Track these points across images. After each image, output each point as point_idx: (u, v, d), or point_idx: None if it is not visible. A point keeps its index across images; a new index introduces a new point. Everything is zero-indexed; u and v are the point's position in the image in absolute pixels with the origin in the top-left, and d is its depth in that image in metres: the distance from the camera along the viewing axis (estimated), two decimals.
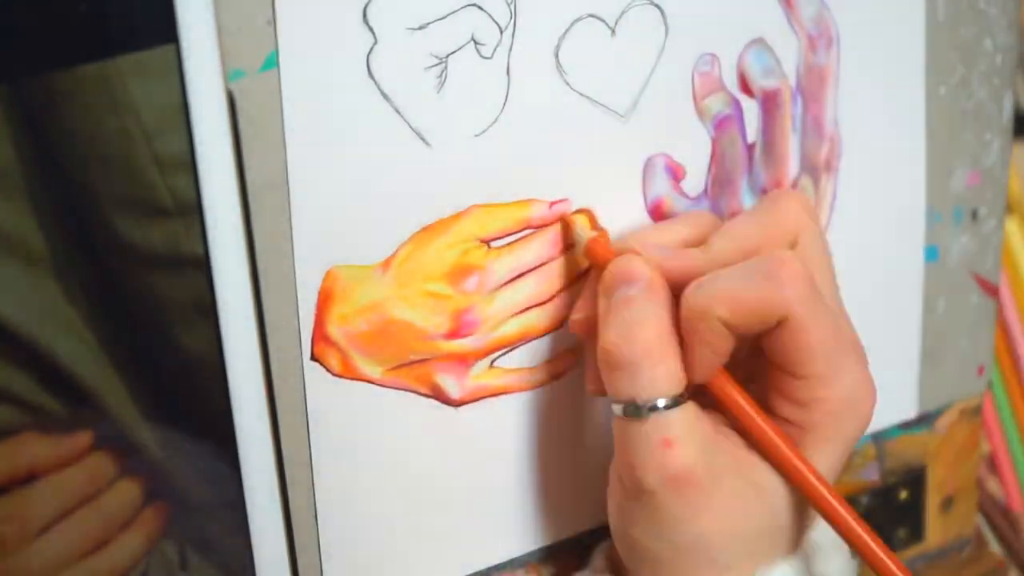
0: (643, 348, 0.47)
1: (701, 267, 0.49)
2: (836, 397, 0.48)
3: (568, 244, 0.52)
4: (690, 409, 0.48)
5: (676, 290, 0.49)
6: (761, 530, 0.49)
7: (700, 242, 0.51)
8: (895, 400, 0.64)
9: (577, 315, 0.51)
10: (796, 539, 0.51)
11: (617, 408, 0.48)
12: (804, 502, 0.49)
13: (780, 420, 0.49)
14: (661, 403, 0.47)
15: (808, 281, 0.47)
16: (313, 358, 0.48)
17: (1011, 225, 0.77)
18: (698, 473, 0.47)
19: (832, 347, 0.48)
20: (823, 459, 0.49)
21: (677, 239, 0.51)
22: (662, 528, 0.48)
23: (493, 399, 0.52)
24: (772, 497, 0.49)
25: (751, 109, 0.55)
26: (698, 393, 0.49)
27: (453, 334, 0.51)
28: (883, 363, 0.63)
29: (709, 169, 0.55)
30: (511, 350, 0.52)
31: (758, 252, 0.49)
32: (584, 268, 0.53)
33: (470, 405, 0.52)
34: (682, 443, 0.47)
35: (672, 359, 0.47)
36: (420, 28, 0.46)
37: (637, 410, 0.47)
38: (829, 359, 0.48)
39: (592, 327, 0.49)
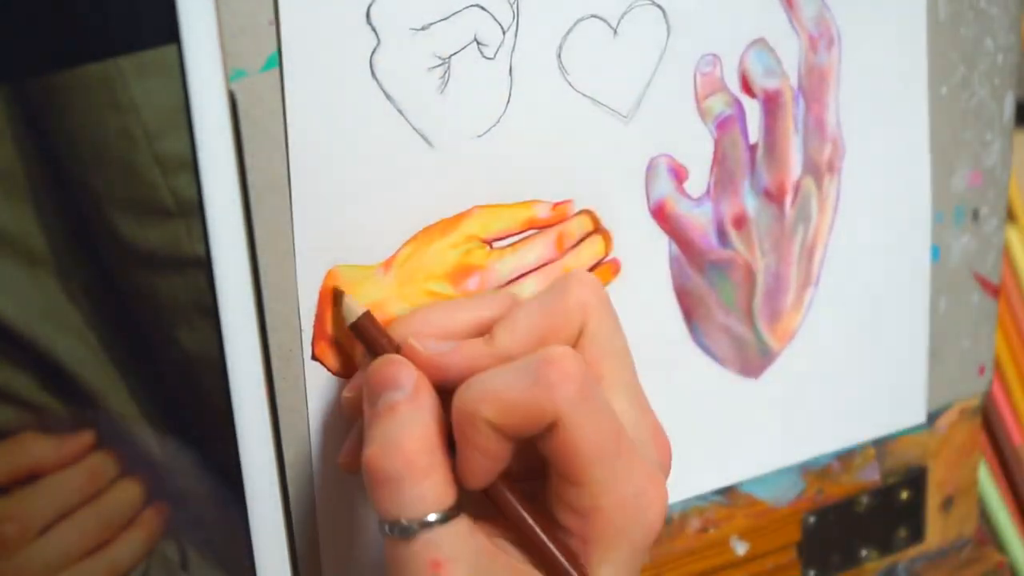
0: (406, 462, 0.43)
1: (482, 363, 0.45)
2: (616, 505, 0.44)
3: (569, 245, 0.52)
4: (462, 524, 0.44)
5: (456, 387, 0.45)
6: None
7: (492, 324, 0.47)
8: (903, 403, 0.64)
9: (349, 393, 0.47)
10: None
11: (383, 527, 0.44)
12: None
13: (563, 530, 0.45)
14: (432, 518, 0.43)
15: (582, 382, 0.43)
16: (314, 358, 0.48)
17: (1011, 233, 0.78)
18: None
19: (610, 451, 0.44)
20: (609, 570, 0.45)
21: (469, 322, 0.47)
22: None
23: None
24: None
25: (753, 110, 0.55)
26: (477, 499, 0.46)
27: None
28: (888, 365, 0.63)
29: (712, 170, 0.55)
30: None
31: (543, 344, 0.45)
32: (586, 268, 0.53)
33: None
34: (453, 564, 0.43)
35: (439, 471, 0.44)
36: (423, 28, 0.46)
37: (404, 530, 0.43)
38: (605, 464, 0.44)
39: (359, 408, 0.46)
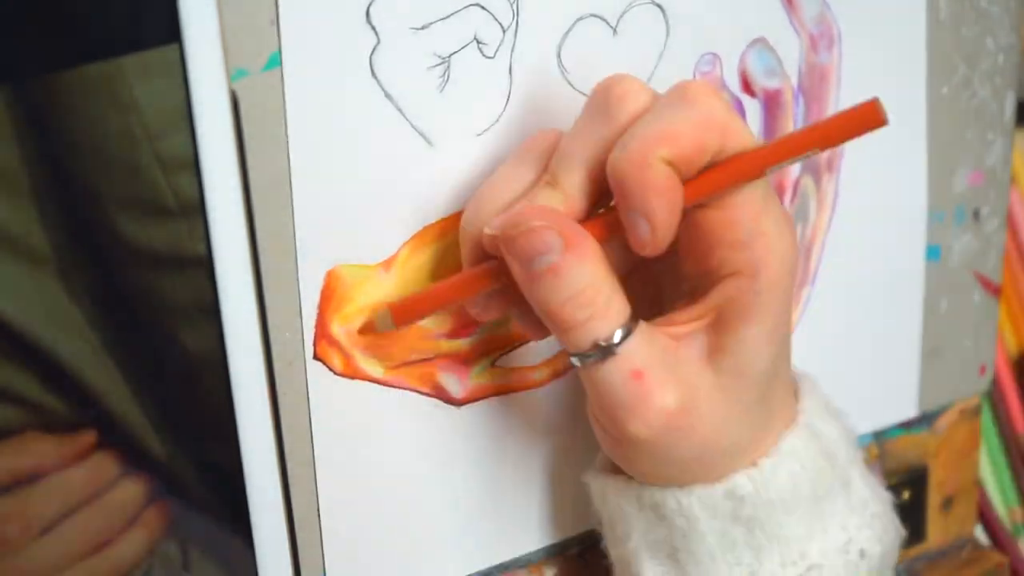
0: (589, 303, 0.45)
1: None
2: (777, 259, 0.46)
3: None
4: (644, 329, 0.46)
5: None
6: (750, 404, 0.48)
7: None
8: (896, 399, 0.64)
9: (477, 309, 0.48)
10: (791, 411, 0.50)
11: (577, 360, 0.46)
12: (783, 365, 0.49)
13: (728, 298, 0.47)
14: (620, 333, 0.46)
15: (724, 98, 0.45)
16: (315, 357, 0.48)
17: None
18: (675, 398, 0.46)
19: (765, 198, 0.46)
20: (767, 323, 0.47)
21: (523, 183, 0.47)
22: (663, 456, 0.47)
23: (495, 399, 0.52)
24: (749, 373, 0.47)
25: (753, 109, 0.55)
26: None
27: (455, 333, 0.51)
28: (884, 362, 0.63)
29: None
30: (513, 349, 0.52)
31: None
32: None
33: (472, 404, 0.52)
34: (650, 369, 0.46)
35: (617, 290, 0.46)
36: (423, 28, 0.46)
37: (603, 351, 0.46)
38: (765, 212, 0.46)
39: (501, 307, 0.48)
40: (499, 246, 0.46)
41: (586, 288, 0.45)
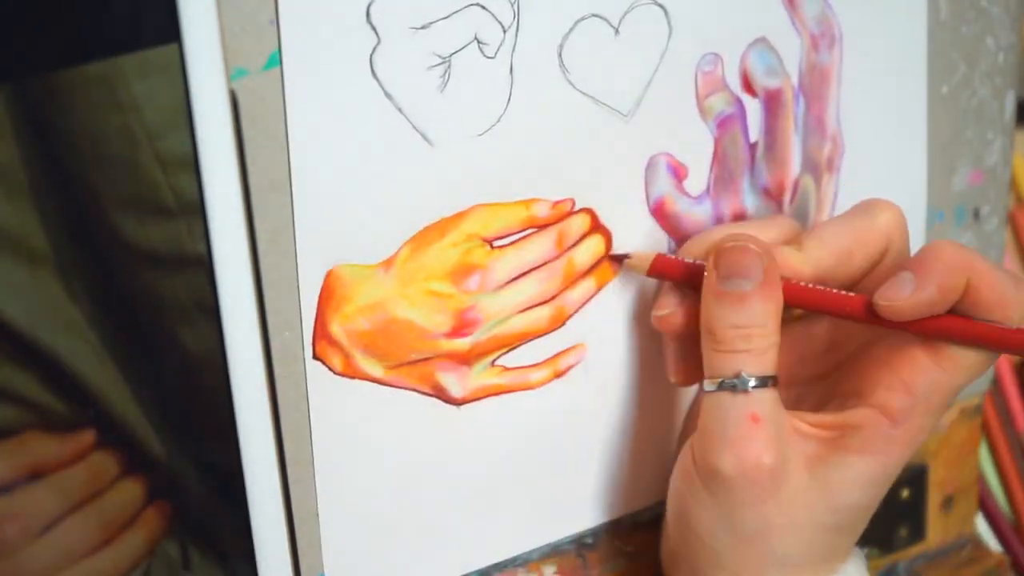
0: (756, 337, 0.49)
1: (799, 269, 0.51)
2: None
3: (569, 244, 0.52)
4: (777, 394, 0.49)
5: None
6: (824, 527, 0.50)
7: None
8: None
9: (661, 312, 0.52)
10: (851, 546, 0.52)
11: (711, 384, 0.49)
12: (866, 515, 0.51)
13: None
14: (753, 382, 0.49)
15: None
16: (315, 357, 0.48)
17: None
18: (772, 459, 0.49)
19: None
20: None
21: (773, 239, 0.52)
22: (726, 511, 0.50)
23: (495, 398, 0.52)
24: (837, 496, 0.50)
25: (753, 108, 0.55)
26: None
27: (455, 333, 0.50)
28: None
29: (711, 168, 0.55)
30: (513, 349, 0.52)
31: (851, 256, 0.51)
32: (586, 268, 0.53)
33: (471, 404, 0.52)
34: (767, 421, 0.49)
35: (776, 347, 0.49)
36: (423, 27, 0.46)
37: (735, 383, 0.49)
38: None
39: (676, 324, 0.52)
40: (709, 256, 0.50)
41: (758, 328, 0.49)
